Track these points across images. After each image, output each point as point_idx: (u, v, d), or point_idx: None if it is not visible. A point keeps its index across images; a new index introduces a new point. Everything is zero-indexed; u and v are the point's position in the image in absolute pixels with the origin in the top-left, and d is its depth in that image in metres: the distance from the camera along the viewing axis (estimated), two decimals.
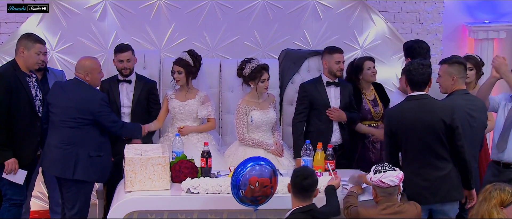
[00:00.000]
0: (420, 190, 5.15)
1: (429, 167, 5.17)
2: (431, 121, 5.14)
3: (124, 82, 6.49)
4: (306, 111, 6.36)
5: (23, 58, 6.00)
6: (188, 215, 5.38)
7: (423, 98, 5.22)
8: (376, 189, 4.90)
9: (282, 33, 7.36)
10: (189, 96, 6.33)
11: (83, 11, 7.18)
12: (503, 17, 7.95)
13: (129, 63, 6.44)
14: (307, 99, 6.35)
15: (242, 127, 6.19)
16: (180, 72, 6.28)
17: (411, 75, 5.23)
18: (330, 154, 5.72)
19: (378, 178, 4.85)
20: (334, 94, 6.41)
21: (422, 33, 7.74)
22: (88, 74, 5.80)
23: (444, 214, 5.25)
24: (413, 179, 5.15)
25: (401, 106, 5.28)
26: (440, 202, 5.20)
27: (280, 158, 6.18)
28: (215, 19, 7.29)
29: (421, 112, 5.16)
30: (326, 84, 6.40)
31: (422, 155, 5.16)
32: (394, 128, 5.21)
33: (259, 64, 6.16)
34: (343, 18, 7.42)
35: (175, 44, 7.26)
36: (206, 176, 5.56)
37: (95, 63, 5.90)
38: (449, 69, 5.53)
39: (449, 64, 5.54)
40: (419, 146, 5.15)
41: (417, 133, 5.14)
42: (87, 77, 5.80)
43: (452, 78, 5.52)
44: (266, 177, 4.89)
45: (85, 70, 5.81)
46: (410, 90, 5.28)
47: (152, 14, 7.24)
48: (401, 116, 5.20)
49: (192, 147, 6.13)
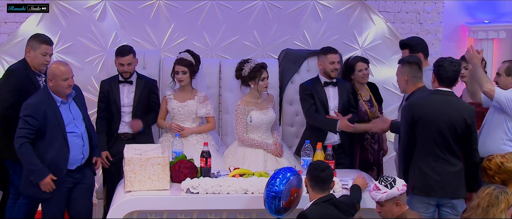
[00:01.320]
0: (431, 182, 5.25)
1: (443, 161, 5.26)
2: (454, 117, 5.23)
3: (125, 83, 6.49)
4: (314, 105, 6.35)
5: (30, 58, 6.02)
6: (188, 215, 5.38)
7: (450, 94, 5.34)
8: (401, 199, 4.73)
9: (282, 33, 7.36)
10: (188, 97, 6.32)
11: (83, 11, 7.18)
12: (502, 17, 7.95)
13: (130, 67, 6.43)
14: (310, 96, 6.35)
15: (241, 128, 6.18)
16: (184, 72, 6.27)
17: (443, 71, 5.31)
18: (330, 154, 5.72)
19: (402, 184, 4.73)
20: (332, 94, 6.41)
21: (421, 33, 7.74)
22: (51, 79, 5.56)
23: (452, 207, 5.33)
24: (424, 170, 5.25)
25: (427, 97, 5.36)
26: (448, 197, 5.30)
27: (279, 158, 6.18)
28: (215, 19, 7.29)
29: (446, 107, 5.26)
30: (324, 84, 6.41)
31: (439, 148, 5.25)
32: (417, 116, 5.27)
33: (258, 63, 6.17)
34: (342, 18, 7.42)
35: (174, 44, 7.26)
36: (206, 176, 5.56)
37: (60, 69, 5.54)
38: (402, 69, 5.73)
39: (402, 65, 5.74)
40: (437, 140, 5.24)
41: (438, 126, 5.23)
42: (51, 83, 5.56)
43: (404, 78, 5.68)
44: (301, 187, 5.11)
45: (48, 75, 5.59)
46: (437, 85, 5.36)
47: (151, 14, 7.24)
48: (426, 106, 5.28)
49: (191, 148, 6.13)
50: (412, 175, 5.31)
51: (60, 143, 5.54)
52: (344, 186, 5.54)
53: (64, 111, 5.60)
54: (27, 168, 5.54)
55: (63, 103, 5.61)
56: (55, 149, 5.53)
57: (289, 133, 6.94)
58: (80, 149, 5.66)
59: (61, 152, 5.55)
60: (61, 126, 5.55)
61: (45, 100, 5.55)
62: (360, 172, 6.16)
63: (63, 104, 5.61)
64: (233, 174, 5.60)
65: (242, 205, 5.38)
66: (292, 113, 6.94)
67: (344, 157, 6.40)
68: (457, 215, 5.32)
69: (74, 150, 5.62)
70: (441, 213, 5.38)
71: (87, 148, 5.73)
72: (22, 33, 7.11)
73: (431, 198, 5.28)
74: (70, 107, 5.66)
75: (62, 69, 5.54)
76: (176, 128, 6.23)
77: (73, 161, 5.63)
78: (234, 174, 5.60)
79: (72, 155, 5.60)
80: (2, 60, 7.13)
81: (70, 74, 5.58)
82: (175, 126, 6.25)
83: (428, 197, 5.27)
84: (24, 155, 5.49)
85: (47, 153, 5.52)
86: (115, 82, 6.48)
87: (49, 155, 5.53)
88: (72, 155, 5.60)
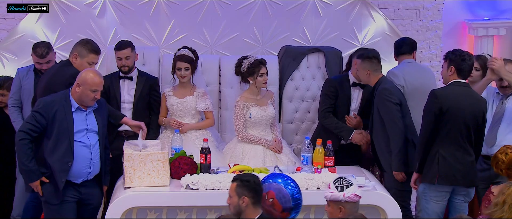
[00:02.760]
0: (454, 171, 5.40)
1: (463, 150, 5.44)
2: (476, 109, 5.45)
3: (126, 79, 6.48)
4: (333, 106, 6.31)
5: (76, 64, 5.85)
6: (187, 211, 5.38)
7: (469, 86, 5.55)
8: (345, 206, 4.61)
9: (282, 29, 7.35)
10: (187, 93, 6.32)
11: (83, 8, 7.17)
12: (503, 14, 7.93)
13: (128, 61, 6.41)
14: (334, 94, 6.30)
15: (241, 124, 6.18)
16: (187, 69, 6.28)
17: (465, 64, 5.47)
18: (329, 150, 5.72)
19: (352, 193, 4.61)
20: (357, 96, 6.38)
21: (421, 30, 7.72)
22: (79, 85, 5.33)
23: (467, 195, 5.54)
24: (448, 159, 5.40)
25: (451, 89, 5.48)
26: (467, 186, 5.47)
27: (278, 155, 6.18)
28: (215, 15, 7.28)
29: (469, 99, 5.46)
30: (352, 84, 6.37)
31: (462, 138, 5.42)
32: (446, 107, 5.39)
33: (256, 59, 6.17)
34: (342, 15, 7.41)
35: (174, 40, 7.25)
36: (206, 172, 5.56)
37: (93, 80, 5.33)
38: (363, 65, 5.98)
39: (362, 60, 5.99)
40: (462, 129, 5.40)
41: (464, 116, 5.40)
42: (78, 88, 5.33)
43: (367, 73, 5.96)
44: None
45: (79, 80, 5.35)
46: (456, 77, 5.48)
47: (151, 11, 7.23)
48: (452, 97, 5.41)
49: (191, 144, 6.13)
50: (435, 164, 5.42)
51: (65, 149, 5.29)
52: None
53: (77, 118, 5.34)
54: (20, 166, 5.35)
55: (80, 109, 5.35)
56: (58, 154, 5.29)
57: (289, 129, 6.94)
58: (86, 161, 5.35)
59: (63, 160, 5.28)
60: (69, 132, 5.29)
61: (61, 101, 5.33)
62: (360, 168, 6.15)
63: (80, 111, 5.36)
64: (233, 171, 5.60)
65: None
66: (292, 110, 6.94)
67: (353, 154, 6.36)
68: (467, 202, 5.54)
69: (80, 162, 5.33)
70: (452, 201, 5.53)
71: (97, 163, 5.41)
72: (21, 29, 7.11)
73: (451, 186, 5.44)
74: (87, 117, 5.38)
75: (96, 80, 5.31)
76: (175, 124, 6.23)
77: (77, 173, 5.33)
78: (233, 171, 5.60)
79: (77, 166, 5.31)
80: (1, 57, 7.13)
81: (101, 88, 5.36)
82: (173, 122, 6.24)
83: (450, 185, 5.42)
84: (19, 151, 5.29)
85: (50, 157, 5.30)
86: (116, 78, 6.48)
87: (51, 159, 5.30)
88: (76, 167, 5.31)
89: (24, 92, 6.51)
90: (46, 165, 5.32)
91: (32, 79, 6.51)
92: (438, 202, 5.45)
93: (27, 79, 6.53)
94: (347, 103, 6.33)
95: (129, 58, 6.40)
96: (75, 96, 5.34)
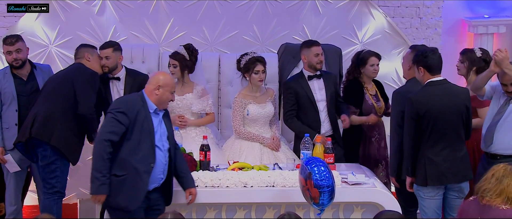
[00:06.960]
0: (443, 170, 5.38)
1: (451, 148, 5.41)
2: (456, 105, 5.40)
3: (113, 80, 6.43)
4: (294, 108, 6.30)
5: (90, 63, 6.16)
6: (187, 208, 5.37)
7: (444, 83, 5.47)
8: None
9: (282, 27, 7.35)
10: (186, 90, 6.32)
11: (82, 6, 7.17)
12: (502, 11, 7.92)
13: (108, 61, 6.28)
14: (293, 96, 6.31)
15: (238, 120, 6.18)
16: (175, 66, 6.28)
17: (429, 60, 5.41)
18: (329, 147, 5.71)
19: None
20: (317, 86, 6.37)
21: (421, 28, 7.72)
22: (159, 87, 5.16)
23: (460, 190, 5.50)
24: (435, 160, 5.38)
25: (425, 91, 5.43)
26: (458, 182, 5.46)
27: (276, 153, 6.17)
28: (214, 13, 7.27)
29: (446, 96, 5.40)
30: (308, 78, 6.37)
31: (447, 137, 5.39)
32: (422, 111, 5.35)
33: (254, 56, 6.17)
34: (342, 13, 7.40)
35: (174, 38, 7.25)
36: (205, 169, 5.55)
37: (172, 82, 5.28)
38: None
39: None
40: (445, 129, 5.37)
41: (445, 116, 5.36)
42: (157, 90, 5.17)
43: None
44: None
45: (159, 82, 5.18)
46: (429, 75, 5.43)
47: (151, 9, 7.22)
48: (428, 101, 5.37)
49: (190, 141, 6.12)
50: (423, 167, 5.41)
51: (147, 151, 5.04)
52: (344, 180, 5.54)
53: (154, 121, 5.14)
54: (94, 174, 4.99)
55: (156, 112, 5.17)
56: (141, 155, 5.02)
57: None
58: (162, 167, 5.14)
59: (146, 160, 5.03)
60: (151, 133, 5.06)
61: (139, 102, 5.11)
62: (360, 166, 6.15)
63: (155, 114, 5.17)
64: (233, 168, 5.60)
65: (241, 199, 5.38)
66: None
67: (337, 147, 6.33)
68: (462, 197, 5.51)
69: (157, 166, 5.10)
70: (447, 197, 5.54)
71: (167, 170, 5.20)
72: (21, 27, 7.10)
73: (442, 185, 5.45)
74: (161, 121, 5.21)
75: (173, 82, 5.30)
76: (180, 122, 6.19)
77: (153, 179, 5.10)
78: (233, 168, 5.59)
79: (155, 170, 5.08)
80: (1, 54, 7.12)
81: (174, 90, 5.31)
82: (178, 118, 6.20)
83: (441, 185, 5.43)
84: (99, 159, 4.97)
85: (132, 157, 5.01)
86: (105, 80, 6.37)
87: (134, 158, 5.01)
88: (154, 171, 5.08)
89: (5, 95, 6.27)
90: (125, 167, 5.03)
91: (11, 82, 6.29)
92: (432, 199, 5.46)
93: (6, 82, 6.28)
94: (310, 97, 6.31)
95: (109, 58, 6.31)
96: (153, 98, 5.14)
